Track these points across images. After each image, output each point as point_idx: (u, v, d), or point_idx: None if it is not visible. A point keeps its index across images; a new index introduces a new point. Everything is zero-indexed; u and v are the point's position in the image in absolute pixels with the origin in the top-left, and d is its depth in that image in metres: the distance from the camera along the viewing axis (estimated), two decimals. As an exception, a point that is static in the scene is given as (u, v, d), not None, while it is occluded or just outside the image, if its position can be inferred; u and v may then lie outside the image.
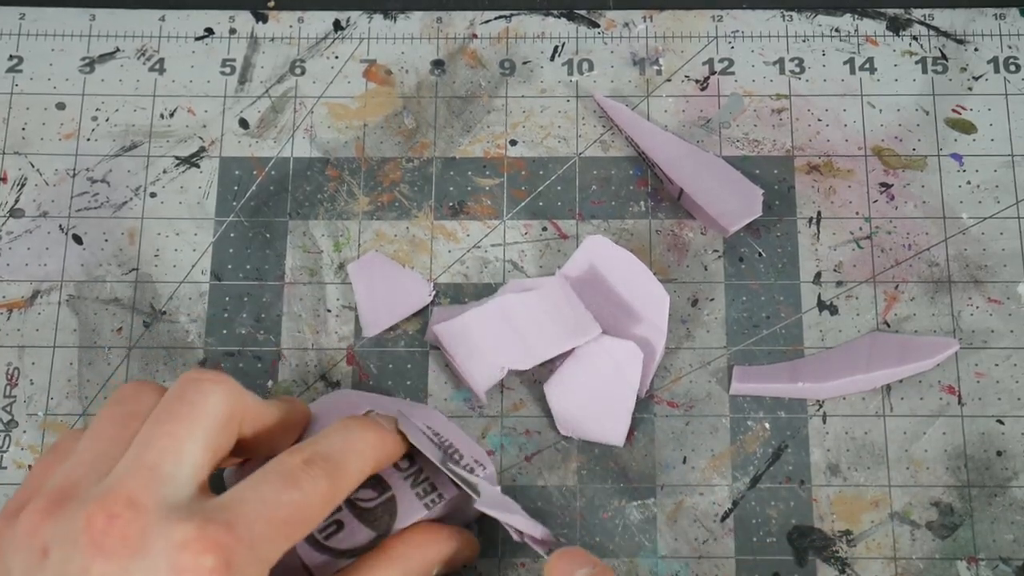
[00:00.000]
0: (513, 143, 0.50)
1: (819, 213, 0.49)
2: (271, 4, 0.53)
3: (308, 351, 0.48)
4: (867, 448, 0.46)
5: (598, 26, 0.52)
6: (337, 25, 0.53)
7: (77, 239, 0.49)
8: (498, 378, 0.45)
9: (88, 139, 0.51)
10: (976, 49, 0.51)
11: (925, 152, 0.50)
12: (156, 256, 0.49)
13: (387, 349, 0.48)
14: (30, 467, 0.46)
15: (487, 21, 0.52)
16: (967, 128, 0.50)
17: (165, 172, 0.50)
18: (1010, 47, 0.51)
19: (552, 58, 0.52)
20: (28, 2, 0.53)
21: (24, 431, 0.47)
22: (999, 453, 0.46)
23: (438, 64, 0.52)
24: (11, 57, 0.52)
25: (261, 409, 0.38)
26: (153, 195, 0.50)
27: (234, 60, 0.52)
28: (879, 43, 0.52)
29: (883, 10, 0.52)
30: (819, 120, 0.50)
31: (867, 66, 0.51)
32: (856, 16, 0.52)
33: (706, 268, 0.48)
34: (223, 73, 0.52)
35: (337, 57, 0.52)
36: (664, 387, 0.47)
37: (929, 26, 0.52)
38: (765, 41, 0.52)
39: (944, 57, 0.51)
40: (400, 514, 0.40)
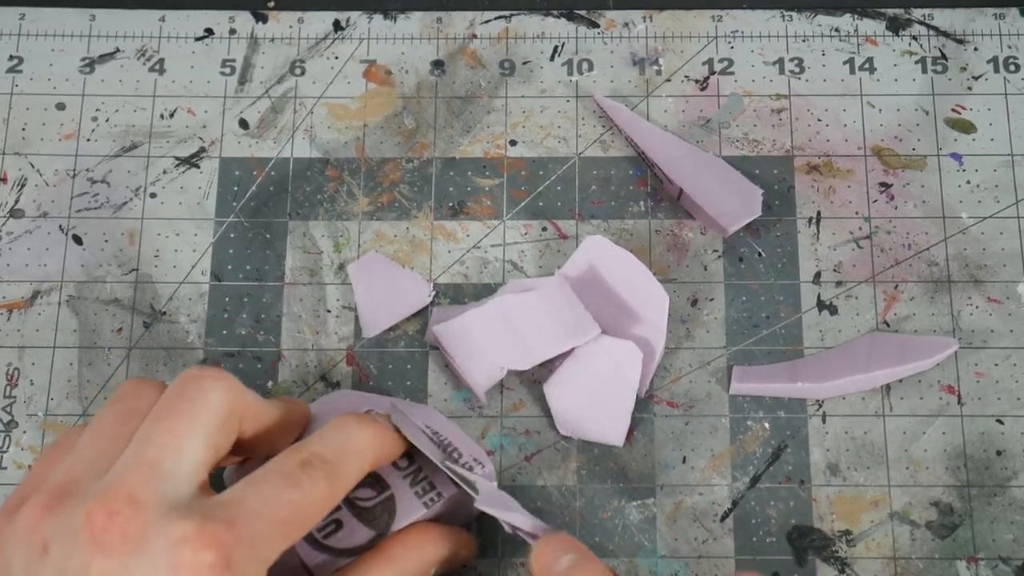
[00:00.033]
0: (513, 143, 0.50)
1: (819, 213, 0.49)
2: (271, 4, 0.53)
3: (308, 352, 0.48)
4: (867, 448, 0.46)
5: (598, 26, 0.52)
6: (337, 25, 0.53)
7: (77, 239, 0.49)
8: (498, 378, 0.45)
9: (88, 139, 0.51)
10: (976, 49, 0.51)
11: (925, 152, 0.50)
12: (156, 256, 0.49)
13: (387, 349, 0.48)
14: (30, 467, 0.46)
15: (487, 21, 0.52)
16: (967, 128, 0.50)
17: (165, 172, 0.50)
18: (1010, 47, 0.51)
19: (552, 58, 0.52)
20: (28, 2, 0.53)
21: (24, 431, 0.47)
22: (999, 453, 0.46)
23: (438, 64, 0.52)
24: (11, 57, 0.52)
25: (261, 407, 0.38)
26: (153, 195, 0.50)
27: (234, 60, 0.52)
28: (879, 43, 0.52)
29: (883, 10, 0.52)
30: (819, 120, 0.50)
31: (867, 66, 0.51)
32: (856, 16, 0.52)
33: (706, 268, 0.48)
34: (223, 73, 0.52)
35: (337, 57, 0.52)
36: (664, 387, 0.47)
37: (929, 26, 0.52)
38: (765, 41, 0.52)
39: (944, 57, 0.51)
40: (399, 513, 0.40)
